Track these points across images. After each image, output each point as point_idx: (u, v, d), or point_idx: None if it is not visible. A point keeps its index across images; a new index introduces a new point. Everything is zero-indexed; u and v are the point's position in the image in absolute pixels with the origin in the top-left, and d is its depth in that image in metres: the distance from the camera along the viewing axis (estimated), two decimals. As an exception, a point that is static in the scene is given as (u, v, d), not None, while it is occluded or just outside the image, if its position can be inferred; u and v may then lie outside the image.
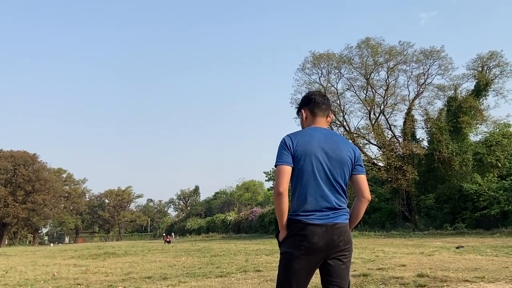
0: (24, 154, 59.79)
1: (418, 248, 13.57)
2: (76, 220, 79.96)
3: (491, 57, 32.71)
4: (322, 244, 2.37)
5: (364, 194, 2.58)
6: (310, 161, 2.45)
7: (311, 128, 2.63)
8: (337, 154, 2.51)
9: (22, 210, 56.75)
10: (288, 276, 2.42)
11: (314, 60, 36.29)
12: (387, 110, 36.10)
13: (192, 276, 8.15)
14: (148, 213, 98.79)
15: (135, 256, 15.42)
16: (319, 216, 2.40)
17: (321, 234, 2.37)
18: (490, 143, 31.75)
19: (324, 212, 2.42)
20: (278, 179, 2.41)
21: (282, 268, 2.46)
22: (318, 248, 2.37)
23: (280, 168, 2.43)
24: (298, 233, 2.40)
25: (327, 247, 2.39)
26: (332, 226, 2.40)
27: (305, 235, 2.38)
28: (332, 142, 2.55)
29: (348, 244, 2.46)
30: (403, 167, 31.81)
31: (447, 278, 6.44)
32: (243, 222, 54.51)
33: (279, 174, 2.42)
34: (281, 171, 2.42)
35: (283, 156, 2.45)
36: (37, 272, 10.69)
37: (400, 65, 35.47)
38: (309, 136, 2.53)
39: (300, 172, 2.45)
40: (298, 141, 2.49)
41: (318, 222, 2.39)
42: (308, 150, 2.46)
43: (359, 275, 7.10)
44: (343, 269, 2.45)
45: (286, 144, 2.49)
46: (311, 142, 2.50)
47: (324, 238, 2.37)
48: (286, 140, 2.51)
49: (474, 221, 26.91)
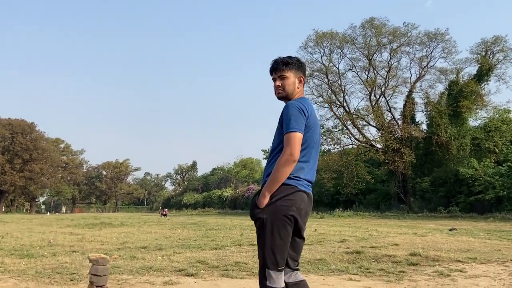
0: (22, 123, 59.58)
1: (412, 229, 13.69)
2: (73, 190, 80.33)
3: (495, 42, 32.39)
4: (304, 212, 2.43)
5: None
6: (315, 134, 2.47)
7: (308, 100, 2.56)
8: (319, 133, 2.60)
9: (19, 178, 56.93)
10: (279, 241, 2.34)
11: (317, 38, 35.87)
12: (388, 92, 35.97)
13: (187, 248, 8.22)
14: (145, 186, 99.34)
15: (131, 227, 15.54)
16: (306, 186, 2.46)
17: (306, 201, 2.44)
18: (489, 129, 31.76)
19: (310, 183, 2.50)
20: (295, 146, 2.31)
21: (272, 233, 2.34)
22: (301, 215, 2.41)
23: (298, 135, 2.33)
24: (289, 196, 2.37)
25: (305, 216, 2.45)
26: (311, 198, 2.51)
27: (295, 197, 2.39)
28: (317, 118, 2.58)
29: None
30: (401, 150, 31.89)
31: (439, 258, 6.51)
32: (240, 198, 54.89)
33: (297, 141, 2.33)
34: (298, 138, 2.33)
35: (301, 124, 2.36)
36: (33, 238, 10.75)
37: (403, 46, 35.18)
38: (312, 108, 2.50)
39: (306, 142, 2.42)
40: (310, 112, 2.44)
41: (305, 190, 2.45)
42: (314, 122, 2.47)
43: (352, 252, 7.17)
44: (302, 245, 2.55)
45: (303, 112, 2.39)
46: (315, 116, 2.50)
47: (306, 206, 2.45)
48: (301, 107, 2.40)
49: (469, 205, 27.15)
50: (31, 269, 5.65)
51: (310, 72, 36.94)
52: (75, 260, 6.48)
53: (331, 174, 33.82)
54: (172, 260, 6.43)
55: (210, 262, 6.14)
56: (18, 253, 7.40)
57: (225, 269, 5.59)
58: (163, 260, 6.46)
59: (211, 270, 5.61)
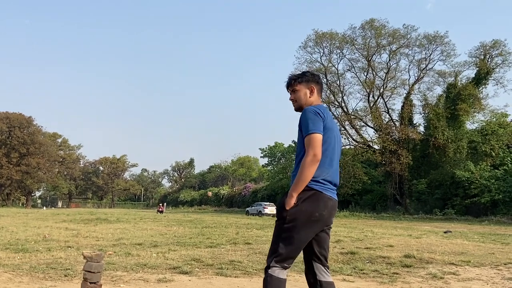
0: (19, 116, 59.43)
1: (407, 230, 13.73)
2: (69, 185, 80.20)
3: (494, 46, 32.49)
4: (326, 217, 2.50)
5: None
6: (333, 137, 2.56)
7: (325, 106, 2.70)
8: (339, 135, 2.70)
9: (16, 172, 56.85)
10: (294, 244, 2.44)
11: (317, 38, 35.90)
12: (386, 93, 36.05)
13: (183, 245, 8.23)
14: (142, 183, 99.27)
15: (126, 224, 15.52)
16: (331, 190, 2.54)
17: (329, 207, 2.50)
18: (486, 132, 31.88)
19: (333, 186, 2.57)
20: (317, 146, 2.43)
21: (288, 236, 2.43)
22: (323, 220, 2.49)
23: (318, 136, 2.45)
24: (313, 202, 2.45)
25: (327, 221, 2.53)
26: (334, 203, 2.57)
27: (319, 204, 2.46)
28: (336, 125, 2.69)
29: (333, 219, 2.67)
30: (398, 151, 31.97)
31: (433, 260, 6.54)
32: (236, 196, 54.95)
33: (319, 142, 2.44)
34: (319, 139, 2.45)
35: (319, 125, 2.47)
36: (28, 233, 10.74)
37: (402, 48, 35.25)
38: (328, 113, 2.62)
39: (325, 144, 2.50)
40: (327, 116, 2.55)
41: (329, 195, 2.51)
42: (332, 126, 2.56)
43: (347, 253, 7.19)
44: (328, 240, 2.64)
45: (320, 115, 2.50)
46: (332, 119, 2.60)
47: (329, 212, 2.51)
48: (318, 111, 2.52)
49: (464, 208, 27.24)
50: (25, 263, 5.65)
51: (309, 72, 36.96)
52: (70, 256, 6.48)
53: (328, 174, 33.83)
54: (167, 257, 6.44)
55: (205, 260, 6.15)
56: (13, 248, 7.40)
57: (220, 268, 5.61)
58: (158, 257, 6.47)
59: (206, 268, 5.62)
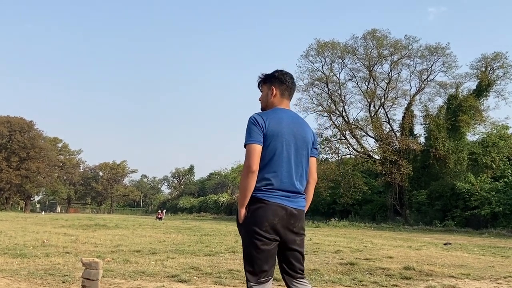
0: (20, 121, 59.47)
1: (407, 242, 13.68)
2: (69, 190, 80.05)
3: (496, 58, 32.60)
4: (280, 226, 2.39)
5: (313, 176, 2.67)
6: (280, 142, 2.44)
7: (279, 109, 2.58)
8: (303, 136, 2.54)
9: (16, 177, 56.76)
10: (255, 255, 2.39)
11: (319, 47, 36.04)
12: (387, 104, 36.10)
13: (181, 253, 8.20)
14: (141, 189, 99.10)
15: (125, 230, 15.47)
16: (281, 197, 2.42)
17: (280, 215, 2.40)
18: (487, 144, 31.86)
19: (287, 193, 2.44)
20: (251, 157, 2.37)
21: (247, 248, 2.43)
22: (277, 229, 2.39)
23: (252, 146, 2.39)
24: (259, 211, 2.39)
25: (284, 230, 2.41)
26: (292, 210, 2.44)
27: (266, 212, 2.38)
28: (299, 125, 2.56)
29: (301, 230, 2.51)
30: (398, 162, 31.94)
31: (433, 273, 6.50)
32: (236, 204, 54.60)
33: (252, 153, 2.38)
34: (253, 150, 2.39)
35: (255, 135, 2.41)
36: (27, 238, 10.71)
37: (404, 59, 35.38)
38: (279, 117, 2.51)
39: (269, 151, 2.43)
40: (270, 121, 2.46)
41: (279, 202, 2.41)
42: (279, 131, 2.45)
43: (346, 264, 7.16)
44: (299, 255, 2.51)
45: (258, 123, 2.44)
46: (282, 123, 2.48)
47: (282, 220, 2.40)
48: (257, 118, 2.46)
49: (464, 220, 27.15)
50: (23, 269, 5.63)
51: (310, 81, 37.13)
52: (68, 262, 6.46)
53: (328, 183, 33.81)
54: (165, 265, 6.41)
55: (203, 269, 6.12)
56: (11, 253, 7.38)
57: (218, 276, 5.58)
58: (156, 265, 6.44)
59: (204, 277, 5.59)
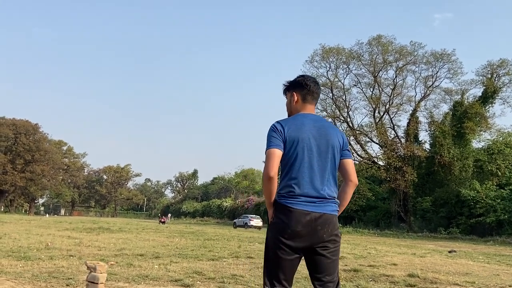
0: (26, 123, 59.83)
1: (411, 249, 13.60)
2: (73, 193, 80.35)
3: (502, 65, 32.50)
4: (305, 233, 2.33)
5: (351, 178, 2.56)
6: (301, 147, 2.42)
7: (301, 114, 2.57)
8: (327, 141, 2.48)
9: (20, 179, 57.01)
10: (274, 261, 2.39)
11: (324, 53, 36.08)
12: (392, 110, 36.03)
13: (184, 257, 8.18)
14: (145, 193, 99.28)
15: (129, 233, 15.48)
16: (305, 203, 2.36)
17: (304, 222, 2.33)
18: (492, 151, 31.69)
19: (311, 199, 2.37)
20: (269, 163, 2.37)
21: (267, 253, 2.44)
22: (301, 237, 2.34)
23: (271, 151, 2.39)
24: (282, 218, 2.37)
25: (310, 237, 2.35)
26: (319, 216, 2.36)
27: (289, 220, 2.35)
28: (322, 129, 2.52)
29: (332, 236, 2.40)
30: (403, 168, 31.83)
31: (437, 280, 6.45)
32: (239, 209, 54.73)
33: (270, 158, 2.38)
34: (271, 155, 2.38)
35: (274, 140, 2.41)
36: (31, 240, 10.73)
37: (409, 65, 35.34)
38: (300, 122, 2.49)
39: (290, 157, 2.41)
40: (289, 127, 2.45)
41: (303, 208, 2.35)
42: (299, 136, 2.43)
43: (349, 270, 7.12)
44: (329, 263, 2.41)
45: (277, 130, 2.45)
46: (302, 128, 2.46)
47: (307, 227, 2.33)
48: (276, 125, 2.47)
49: (469, 227, 26.98)
50: (27, 272, 5.64)
51: (315, 86, 37.07)
52: (72, 265, 6.46)
53: (332, 189, 33.69)
54: (169, 269, 6.40)
55: (206, 273, 6.11)
56: (15, 255, 7.39)
57: (221, 281, 5.56)
58: (160, 269, 6.43)
59: (207, 281, 5.58)
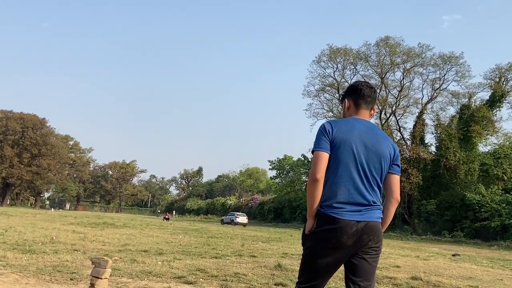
0: (33, 118, 60.21)
1: (414, 251, 13.57)
2: (78, 188, 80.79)
3: (510, 69, 32.29)
4: (351, 243, 2.26)
5: (394, 195, 2.48)
6: (348, 151, 2.33)
7: (353, 118, 2.50)
8: (376, 148, 2.38)
9: (27, 173, 57.42)
10: (312, 271, 2.33)
11: (331, 53, 36.03)
12: (398, 112, 35.92)
13: (188, 254, 8.22)
14: (149, 189, 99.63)
15: (133, 229, 15.57)
16: (351, 211, 2.28)
17: (350, 233, 2.25)
18: (499, 155, 31.49)
19: (357, 207, 2.30)
20: (316, 165, 2.29)
21: (306, 263, 2.36)
22: (346, 246, 2.27)
23: (318, 154, 2.31)
24: (327, 228, 2.27)
25: (355, 246, 2.28)
26: (364, 225, 2.28)
27: (335, 231, 2.25)
28: (373, 135, 2.41)
29: (377, 243, 2.36)
30: (408, 170, 31.70)
31: (440, 284, 6.44)
32: (243, 207, 54.81)
33: (317, 161, 2.30)
34: (319, 158, 2.30)
35: (322, 142, 2.33)
36: (36, 234, 10.83)
37: (417, 67, 35.19)
38: (351, 125, 2.42)
39: (336, 160, 2.33)
40: (338, 129, 2.36)
41: (349, 218, 2.26)
42: (347, 139, 2.34)
43: (352, 271, 7.11)
44: (369, 268, 2.35)
45: (325, 130, 2.36)
46: (352, 131, 2.37)
47: (353, 237, 2.26)
48: (326, 126, 2.39)
49: (473, 231, 26.84)
50: (32, 265, 5.69)
51: (321, 86, 37.14)
52: (76, 259, 6.52)
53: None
54: (172, 266, 6.44)
55: (209, 271, 6.13)
56: (20, 248, 7.46)
57: (224, 279, 5.58)
58: (163, 265, 6.47)
59: (210, 279, 5.60)
